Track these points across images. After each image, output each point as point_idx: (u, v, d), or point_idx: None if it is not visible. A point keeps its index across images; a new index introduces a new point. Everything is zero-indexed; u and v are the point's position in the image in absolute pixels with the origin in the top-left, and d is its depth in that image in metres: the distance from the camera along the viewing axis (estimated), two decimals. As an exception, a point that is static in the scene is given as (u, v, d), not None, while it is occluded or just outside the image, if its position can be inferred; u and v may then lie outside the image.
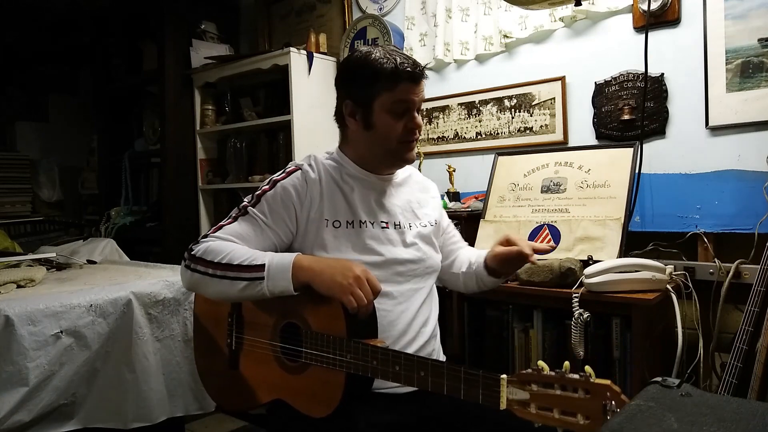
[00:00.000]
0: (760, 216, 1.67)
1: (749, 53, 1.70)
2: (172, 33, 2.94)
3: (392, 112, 1.25)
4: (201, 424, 2.46)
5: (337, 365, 1.11)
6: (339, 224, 1.26)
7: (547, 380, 0.88)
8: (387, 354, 1.07)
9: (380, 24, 2.49)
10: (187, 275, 1.22)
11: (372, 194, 1.33)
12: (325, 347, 1.13)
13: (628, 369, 1.55)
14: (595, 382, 0.84)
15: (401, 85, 1.24)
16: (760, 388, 1.43)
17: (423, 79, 1.28)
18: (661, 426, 0.65)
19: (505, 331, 1.75)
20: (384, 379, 1.07)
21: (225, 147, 2.94)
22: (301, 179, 1.27)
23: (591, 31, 2.03)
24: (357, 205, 1.29)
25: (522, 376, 0.90)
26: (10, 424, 1.37)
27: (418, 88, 1.27)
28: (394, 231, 1.32)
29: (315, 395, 1.15)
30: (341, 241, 1.26)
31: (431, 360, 1.04)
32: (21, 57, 3.71)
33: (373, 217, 1.30)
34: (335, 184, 1.29)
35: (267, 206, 1.25)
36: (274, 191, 1.26)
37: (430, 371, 1.02)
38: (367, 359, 1.08)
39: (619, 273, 1.54)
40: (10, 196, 3.45)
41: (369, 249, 1.27)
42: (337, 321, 1.12)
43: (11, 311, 1.40)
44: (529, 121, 2.17)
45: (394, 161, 1.33)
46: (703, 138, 1.81)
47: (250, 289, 1.15)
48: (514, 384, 0.91)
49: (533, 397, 0.89)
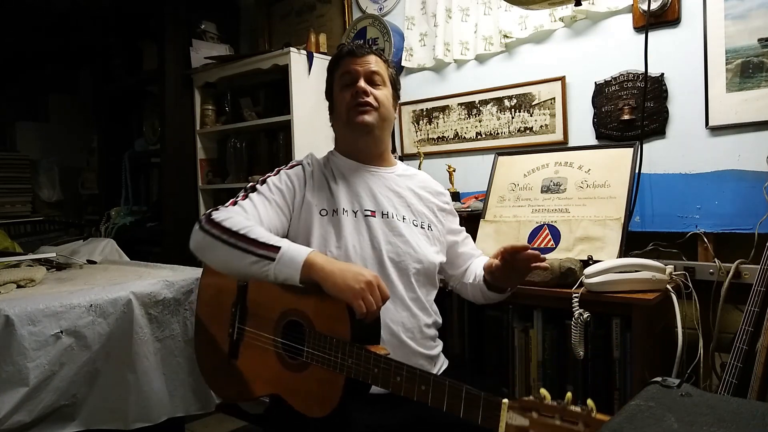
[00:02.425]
0: (760, 216, 1.67)
1: (749, 53, 1.70)
2: (172, 33, 2.94)
3: (341, 86, 1.42)
4: (201, 424, 2.46)
5: (338, 368, 1.10)
6: (325, 212, 1.36)
7: (548, 410, 0.88)
8: (389, 364, 1.07)
9: (380, 24, 2.49)
10: (198, 236, 1.25)
11: (358, 183, 1.41)
12: (327, 349, 1.12)
13: (628, 369, 1.54)
14: (595, 417, 0.84)
15: (343, 61, 1.43)
16: (760, 388, 1.43)
17: (363, 52, 1.42)
18: (661, 426, 0.65)
19: (505, 331, 1.75)
20: (384, 388, 1.08)
21: (225, 147, 2.94)
22: (300, 170, 1.42)
23: (591, 31, 2.03)
24: (339, 194, 1.38)
25: (524, 402, 0.90)
26: (11, 424, 1.36)
27: (362, 60, 1.41)
28: (381, 220, 1.38)
29: (313, 395, 1.15)
30: (326, 228, 1.34)
31: (433, 375, 1.04)
32: (21, 57, 3.70)
33: (356, 206, 1.38)
34: (323, 176, 1.42)
35: (273, 186, 1.37)
36: (279, 176, 1.41)
37: (431, 386, 1.02)
38: (369, 366, 1.08)
39: (619, 273, 1.54)
40: (10, 196, 3.44)
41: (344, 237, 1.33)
42: (342, 324, 1.12)
43: (11, 311, 1.39)
44: (529, 121, 2.17)
45: (351, 131, 1.42)
46: (703, 138, 1.81)
47: (257, 267, 1.16)
48: (514, 410, 0.91)
49: (532, 425, 0.89)
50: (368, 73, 1.40)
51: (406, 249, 1.36)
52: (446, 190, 1.54)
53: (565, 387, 1.65)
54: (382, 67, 1.44)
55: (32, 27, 3.40)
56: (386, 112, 1.43)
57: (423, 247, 1.39)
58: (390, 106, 1.45)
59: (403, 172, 1.51)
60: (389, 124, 1.47)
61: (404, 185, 1.47)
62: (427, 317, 1.39)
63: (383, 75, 1.43)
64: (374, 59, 1.42)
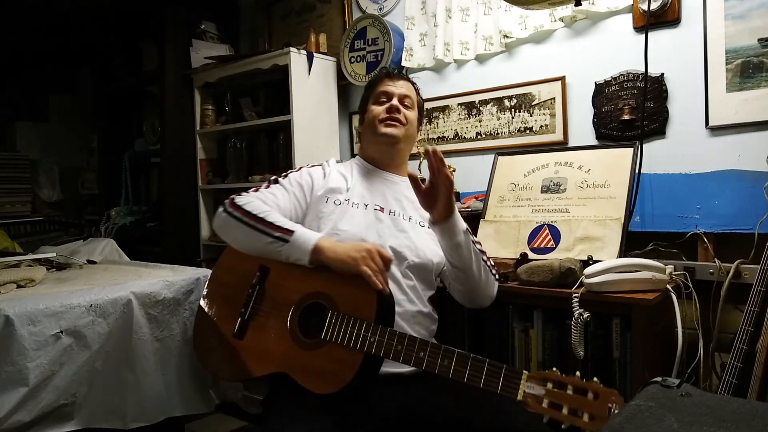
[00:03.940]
0: (760, 216, 1.67)
1: (749, 53, 1.70)
2: (172, 33, 2.94)
3: (376, 101, 1.61)
4: (201, 424, 2.46)
5: (359, 345, 1.18)
6: (338, 202, 1.50)
7: (562, 380, 1.02)
8: (414, 340, 1.18)
9: (380, 24, 2.49)
10: (222, 217, 1.44)
11: (373, 184, 1.58)
12: (351, 327, 1.21)
13: (628, 369, 1.54)
14: (603, 388, 0.98)
15: (381, 81, 1.64)
16: (760, 388, 1.42)
17: (399, 77, 1.65)
18: (661, 426, 0.65)
19: (505, 331, 1.75)
20: (405, 363, 1.18)
21: (225, 147, 2.94)
22: (320, 169, 1.60)
23: (591, 31, 2.03)
24: (354, 189, 1.53)
25: (541, 374, 1.03)
26: (10, 424, 1.37)
27: (397, 83, 1.63)
28: (388, 216, 1.51)
29: (325, 372, 1.22)
30: (338, 215, 1.47)
31: (457, 350, 1.15)
32: (21, 57, 3.70)
33: (366, 200, 1.52)
34: (341, 175, 1.58)
35: (293, 180, 1.55)
36: (300, 172, 1.59)
37: (454, 360, 1.14)
38: (393, 343, 1.18)
39: (619, 273, 1.54)
40: (10, 196, 3.45)
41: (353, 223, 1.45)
42: (369, 307, 1.22)
43: (11, 311, 1.39)
44: (529, 121, 2.17)
45: (377, 139, 1.58)
46: (703, 138, 1.81)
47: (273, 247, 1.34)
48: (533, 380, 1.04)
49: (547, 394, 1.01)
50: (401, 96, 1.60)
51: (407, 243, 1.47)
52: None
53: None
54: (413, 93, 1.65)
55: (32, 27, 3.41)
56: (411, 131, 1.61)
57: (424, 245, 1.49)
58: (415, 127, 1.64)
59: None
60: (412, 141, 1.65)
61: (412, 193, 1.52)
62: (423, 306, 1.46)
63: (413, 99, 1.64)
64: (407, 85, 1.65)
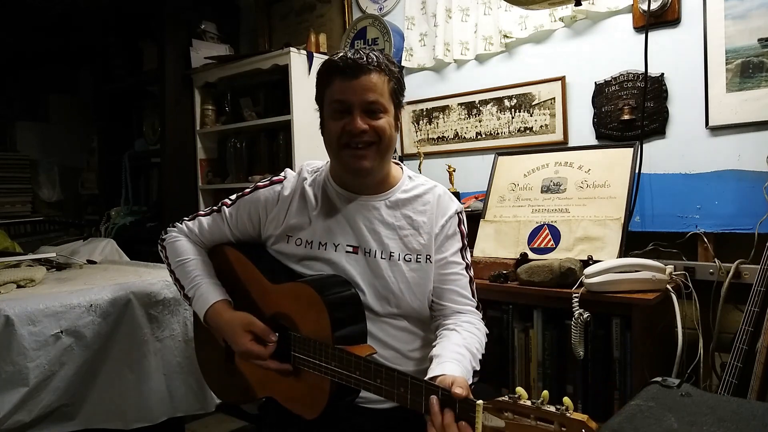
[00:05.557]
0: (760, 216, 1.67)
1: (749, 53, 1.70)
2: (172, 33, 2.94)
3: (332, 111, 1.19)
4: (201, 424, 2.46)
5: (323, 372, 1.10)
6: (300, 242, 1.26)
7: (522, 410, 0.86)
8: (369, 366, 1.04)
9: (380, 24, 2.49)
10: (160, 250, 1.44)
11: (345, 215, 1.25)
12: (312, 352, 1.13)
13: (628, 369, 1.54)
14: (571, 416, 0.81)
15: (335, 82, 1.17)
16: (760, 388, 1.42)
17: (359, 71, 1.14)
18: (661, 426, 0.65)
19: (505, 331, 1.75)
20: (366, 391, 1.05)
21: (225, 147, 2.94)
22: (274, 194, 1.29)
23: (591, 31, 2.03)
24: (317, 226, 1.25)
25: (497, 403, 0.89)
26: (11, 424, 1.37)
27: (357, 85, 1.14)
28: (363, 257, 1.23)
29: (303, 397, 1.16)
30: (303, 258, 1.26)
31: (410, 376, 0.99)
32: (21, 57, 3.71)
33: (336, 239, 1.24)
34: (304, 203, 1.27)
35: (238, 211, 1.33)
36: (250, 197, 1.32)
37: (409, 388, 0.99)
38: (350, 369, 1.06)
39: (619, 273, 1.54)
40: (10, 196, 3.45)
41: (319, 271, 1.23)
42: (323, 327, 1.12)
43: (11, 311, 1.40)
44: (529, 121, 2.17)
45: (341, 166, 1.22)
46: (703, 138, 1.81)
47: (187, 300, 1.34)
48: (489, 411, 0.90)
49: (508, 426, 0.88)
50: (365, 103, 1.16)
51: (383, 292, 1.22)
52: (460, 209, 1.32)
53: (565, 387, 1.65)
54: (382, 87, 1.17)
55: (32, 27, 3.41)
56: (387, 142, 1.20)
57: (406, 293, 1.22)
58: (392, 131, 1.21)
59: (403, 194, 1.28)
60: (390, 151, 1.23)
61: (400, 213, 1.26)
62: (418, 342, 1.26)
63: (383, 98, 1.18)
64: (373, 80, 1.16)
